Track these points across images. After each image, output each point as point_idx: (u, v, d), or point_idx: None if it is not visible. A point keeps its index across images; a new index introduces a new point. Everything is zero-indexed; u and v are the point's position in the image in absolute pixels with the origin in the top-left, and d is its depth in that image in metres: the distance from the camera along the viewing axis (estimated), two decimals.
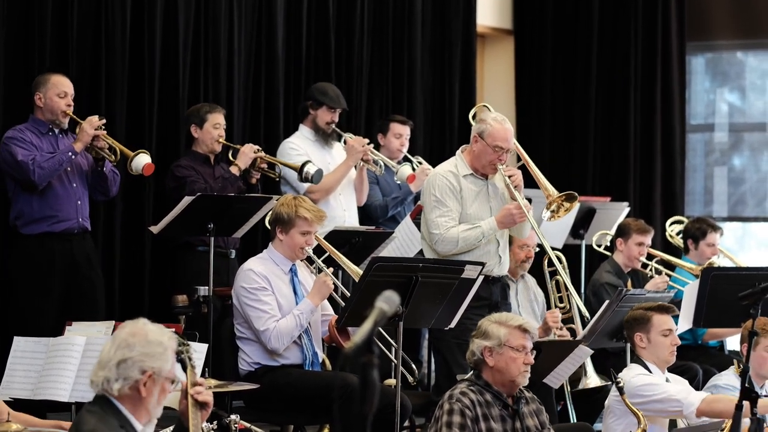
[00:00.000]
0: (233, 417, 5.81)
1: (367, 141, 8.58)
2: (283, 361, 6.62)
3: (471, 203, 6.91)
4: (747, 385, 5.30)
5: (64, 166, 7.43)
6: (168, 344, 4.21)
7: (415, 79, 10.83)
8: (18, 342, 6.00)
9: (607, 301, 7.41)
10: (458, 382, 5.68)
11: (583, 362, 7.57)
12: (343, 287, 7.17)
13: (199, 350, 5.83)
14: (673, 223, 10.30)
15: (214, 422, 5.60)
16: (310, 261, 6.81)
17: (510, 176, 6.90)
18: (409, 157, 9.08)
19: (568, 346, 6.81)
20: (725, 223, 11.16)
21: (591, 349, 7.06)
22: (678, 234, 10.02)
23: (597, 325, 7.18)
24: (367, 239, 7.69)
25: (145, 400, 4.17)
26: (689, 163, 12.00)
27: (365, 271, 6.01)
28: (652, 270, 9.01)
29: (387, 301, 3.31)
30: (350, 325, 6.37)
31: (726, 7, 11.87)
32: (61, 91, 7.50)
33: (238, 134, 9.13)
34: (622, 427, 6.21)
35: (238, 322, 6.70)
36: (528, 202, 7.06)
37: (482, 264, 6.29)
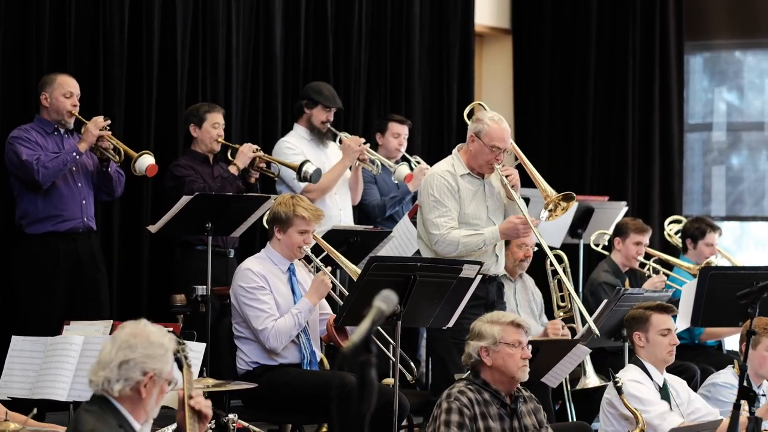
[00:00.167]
0: (231, 416, 5.81)
1: (363, 140, 8.57)
2: (281, 361, 6.62)
3: (468, 203, 6.90)
4: (745, 384, 5.31)
5: (69, 166, 7.44)
6: (168, 346, 4.22)
7: (414, 79, 10.82)
8: (16, 341, 5.98)
9: (605, 301, 7.42)
10: (456, 381, 5.68)
11: (583, 362, 7.58)
12: (341, 286, 7.16)
13: (197, 350, 5.83)
14: (672, 223, 10.29)
15: (212, 421, 5.60)
16: (308, 260, 6.81)
17: (507, 176, 6.90)
18: (408, 156, 9.07)
19: (566, 346, 6.81)
20: (723, 223, 11.15)
21: (589, 349, 7.06)
22: (676, 233, 10.01)
23: (596, 324, 7.17)
24: (365, 238, 7.69)
25: (144, 400, 4.18)
26: (687, 162, 12.00)
27: (363, 271, 6.01)
28: (650, 269, 9.00)
29: (385, 301, 3.31)
30: (348, 324, 6.36)
31: (724, 7, 11.87)
32: (66, 91, 7.51)
33: (237, 134, 9.12)
34: (612, 430, 6.21)
35: (236, 322, 6.70)
36: (524, 202, 7.06)
37: (480, 263, 6.28)
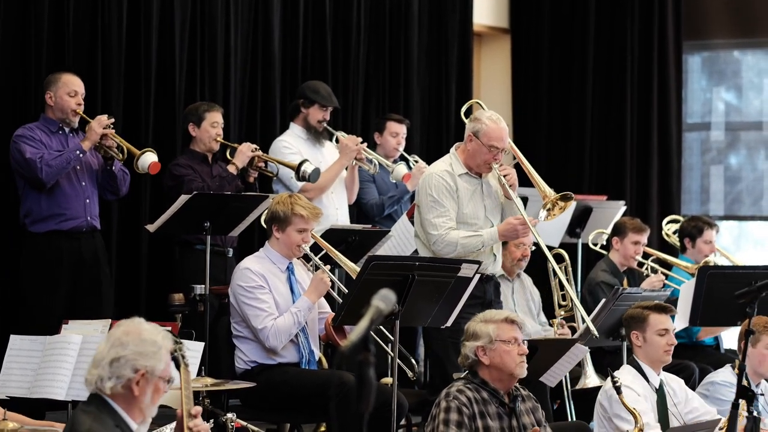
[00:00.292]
0: (230, 415, 5.80)
1: (360, 140, 8.56)
2: (280, 360, 6.62)
3: (467, 202, 6.90)
4: (744, 384, 5.31)
5: (72, 164, 7.43)
6: (162, 343, 4.19)
7: (412, 78, 10.82)
8: (14, 340, 5.98)
9: (604, 300, 7.41)
10: (454, 381, 5.68)
11: (584, 361, 7.58)
12: (340, 284, 7.16)
13: (196, 349, 5.83)
14: (670, 222, 10.29)
15: (211, 421, 5.60)
16: (307, 259, 6.81)
17: (505, 175, 6.90)
18: (406, 155, 9.07)
19: (564, 345, 6.81)
20: (721, 222, 11.15)
21: (587, 348, 7.06)
22: (674, 233, 10.02)
23: (594, 324, 7.17)
24: (364, 238, 7.69)
25: (137, 399, 4.15)
26: (686, 161, 12.01)
27: (361, 270, 6.01)
28: (648, 269, 9.00)
29: (383, 300, 3.31)
30: (347, 323, 6.36)
31: (722, 6, 11.88)
32: (71, 90, 7.51)
33: (235, 133, 9.12)
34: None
35: (235, 321, 6.70)
36: (522, 202, 7.06)
37: (479, 263, 6.28)
